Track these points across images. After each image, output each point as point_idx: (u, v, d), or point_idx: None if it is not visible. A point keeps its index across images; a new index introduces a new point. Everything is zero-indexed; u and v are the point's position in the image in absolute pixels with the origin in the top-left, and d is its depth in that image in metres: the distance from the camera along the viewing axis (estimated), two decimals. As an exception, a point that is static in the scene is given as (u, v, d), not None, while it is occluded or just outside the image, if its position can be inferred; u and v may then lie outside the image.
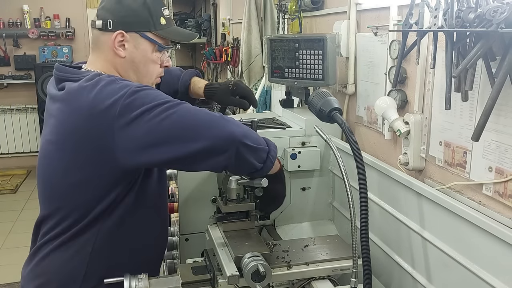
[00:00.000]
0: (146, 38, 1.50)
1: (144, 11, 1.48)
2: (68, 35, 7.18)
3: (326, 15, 2.42)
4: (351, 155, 1.41)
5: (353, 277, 1.44)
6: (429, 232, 1.46)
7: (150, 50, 1.52)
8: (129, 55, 1.49)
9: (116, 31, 1.46)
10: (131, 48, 1.49)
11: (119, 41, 1.47)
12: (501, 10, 1.11)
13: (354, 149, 1.42)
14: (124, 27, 1.47)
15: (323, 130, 1.58)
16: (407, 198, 1.55)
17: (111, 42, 1.47)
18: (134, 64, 1.51)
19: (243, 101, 1.83)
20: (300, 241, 1.79)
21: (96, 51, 1.53)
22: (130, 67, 1.52)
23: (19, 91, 7.12)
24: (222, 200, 1.72)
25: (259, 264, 1.45)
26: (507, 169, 1.29)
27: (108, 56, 1.50)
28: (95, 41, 1.53)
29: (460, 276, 1.32)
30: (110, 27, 1.47)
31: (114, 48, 1.47)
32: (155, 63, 1.55)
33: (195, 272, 1.68)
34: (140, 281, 1.52)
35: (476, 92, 1.36)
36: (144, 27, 1.49)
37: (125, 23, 1.47)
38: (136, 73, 1.53)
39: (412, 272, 1.55)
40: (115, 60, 1.50)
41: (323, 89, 1.67)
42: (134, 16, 1.48)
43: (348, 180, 1.44)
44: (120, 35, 1.47)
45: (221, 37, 5.35)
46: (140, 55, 1.51)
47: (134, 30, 1.48)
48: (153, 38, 1.51)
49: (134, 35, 1.49)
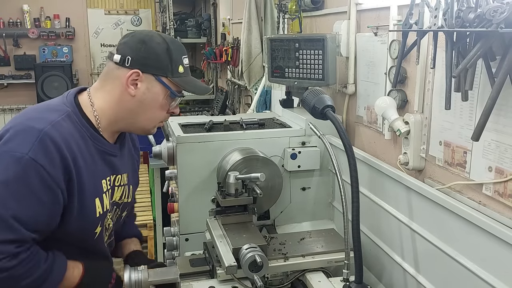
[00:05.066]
0: (161, 82, 1.48)
1: (165, 56, 1.47)
2: (68, 35, 7.19)
3: (326, 15, 2.42)
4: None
5: (345, 268, 1.54)
6: (431, 233, 1.46)
7: (162, 95, 1.50)
8: (139, 95, 1.47)
9: (133, 69, 1.44)
10: (143, 88, 1.47)
11: (133, 79, 1.45)
12: (501, 10, 1.11)
13: (345, 144, 1.50)
14: (141, 67, 1.45)
15: (317, 127, 1.64)
16: (409, 199, 1.55)
17: (125, 78, 1.45)
18: (142, 105, 1.49)
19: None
20: (297, 234, 1.85)
21: (105, 82, 1.51)
22: (137, 107, 1.50)
23: (19, 91, 7.13)
24: (221, 195, 1.76)
25: (256, 255, 1.50)
26: (507, 169, 1.29)
27: (116, 90, 1.48)
28: (107, 73, 1.51)
29: (461, 276, 1.32)
30: (128, 64, 1.45)
31: (126, 85, 1.46)
32: (163, 109, 1.54)
33: (193, 264, 1.75)
34: (139, 272, 1.58)
35: (476, 92, 1.36)
36: (162, 72, 1.48)
37: (144, 64, 1.45)
38: (141, 115, 1.52)
39: (416, 276, 1.55)
40: (122, 96, 1.48)
41: (317, 87, 1.73)
42: (154, 60, 1.46)
43: (341, 175, 1.53)
44: (136, 74, 1.45)
45: (221, 37, 5.35)
46: (150, 97, 1.49)
47: (151, 72, 1.47)
48: (168, 84, 1.49)
49: (149, 77, 1.47)
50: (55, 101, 1.51)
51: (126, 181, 1.65)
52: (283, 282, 1.70)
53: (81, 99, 1.51)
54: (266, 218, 2.07)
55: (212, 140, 1.98)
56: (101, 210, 1.51)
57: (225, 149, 1.98)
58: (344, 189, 1.53)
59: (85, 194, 1.43)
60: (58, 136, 1.35)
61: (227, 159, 1.93)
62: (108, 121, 1.51)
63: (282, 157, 2.07)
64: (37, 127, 1.34)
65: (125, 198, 1.66)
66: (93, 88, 1.54)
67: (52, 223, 1.39)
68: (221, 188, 1.78)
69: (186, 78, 1.54)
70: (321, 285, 1.62)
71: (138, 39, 1.47)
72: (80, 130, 1.44)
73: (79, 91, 1.54)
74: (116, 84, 1.48)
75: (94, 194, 1.48)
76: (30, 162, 1.30)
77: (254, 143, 2.02)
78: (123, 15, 7.58)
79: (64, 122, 1.40)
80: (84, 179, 1.42)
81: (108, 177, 1.55)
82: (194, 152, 1.96)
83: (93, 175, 1.46)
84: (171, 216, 2.33)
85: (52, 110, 1.43)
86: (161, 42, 1.47)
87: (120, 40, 1.52)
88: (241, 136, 2.02)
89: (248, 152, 1.93)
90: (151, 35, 1.49)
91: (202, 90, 1.64)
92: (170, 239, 2.13)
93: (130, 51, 1.46)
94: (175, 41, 1.53)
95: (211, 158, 1.98)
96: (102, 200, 1.51)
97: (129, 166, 1.68)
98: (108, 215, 1.58)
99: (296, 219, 2.14)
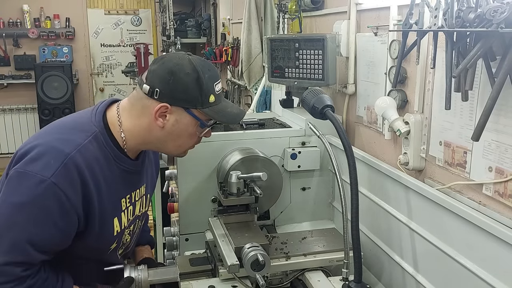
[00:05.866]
0: (191, 114, 1.43)
1: (195, 88, 1.40)
2: (68, 35, 7.20)
3: (326, 15, 2.42)
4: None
5: (344, 268, 1.54)
6: (430, 233, 1.46)
7: (192, 125, 1.46)
8: (168, 127, 1.44)
9: (162, 102, 1.40)
10: (172, 121, 1.43)
11: (161, 112, 1.41)
12: (501, 10, 1.11)
13: (345, 144, 1.49)
14: (170, 100, 1.40)
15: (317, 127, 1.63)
16: (409, 199, 1.55)
17: (153, 110, 1.41)
18: (171, 136, 1.46)
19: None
20: (298, 233, 1.85)
21: (134, 106, 1.46)
22: (166, 137, 1.47)
23: (19, 91, 7.13)
24: (223, 194, 1.76)
25: (258, 254, 1.50)
26: (507, 169, 1.29)
27: (145, 119, 1.44)
28: (137, 98, 1.45)
29: (460, 276, 1.32)
30: (156, 97, 1.40)
31: (155, 117, 1.42)
32: (193, 137, 1.51)
33: (192, 264, 1.75)
34: (139, 272, 1.59)
35: (476, 92, 1.36)
36: (191, 104, 1.42)
37: (173, 97, 1.40)
38: (170, 143, 1.49)
39: (415, 275, 1.55)
40: (151, 126, 1.44)
41: (316, 87, 1.73)
42: (183, 92, 1.40)
43: (341, 175, 1.53)
44: (164, 108, 1.41)
45: (221, 37, 5.35)
46: (179, 129, 1.45)
47: (180, 105, 1.42)
48: (198, 116, 1.44)
49: (179, 109, 1.42)
50: (83, 118, 1.47)
51: (144, 191, 1.65)
52: (283, 282, 1.71)
53: (109, 116, 1.47)
54: (266, 218, 2.07)
55: (212, 140, 1.97)
56: (119, 228, 1.51)
57: (225, 149, 1.98)
58: (343, 189, 1.53)
59: (105, 215, 1.43)
60: (83, 162, 1.34)
61: (227, 159, 1.92)
62: (135, 143, 1.48)
63: (282, 157, 2.07)
64: (63, 151, 1.32)
65: (143, 208, 1.67)
66: (122, 107, 1.48)
67: (64, 245, 1.39)
68: (223, 187, 1.78)
69: (217, 107, 1.46)
70: (320, 284, 1.62)
71: (167, 69, 1.40)
72: (105, 151, 1.42)
73: (107, 105, 1.50)
74: (144, 113, 1.43)
75: (113, 214, 1.48)
76: (52, 187, 1.28)
77: (254, 143, 2.01)
78: (123, 15, 7.58)
79: (90, 145, 1.38)
80: (105, 201, 1.42)
81: (128, 195, 1.54)
82: (194, 152, 1.95)
83: (113, 195, 1.46)
84: (171, 216, 2.33)
85: (79, 130, 1.40)
86: (191, 72, 1.40)
87: (150, 65, 1.45)
88: (241, 136, 2.02)
89: (248, 152, 1.93)
90: (181, 64, 1.41)
91: (233, 118, 1.54)
92: (170, 239, 2.13)
93: (159, 83, 1.39)
94: (206, 67, 1.44)
95: (211, 158, 1.97)
96: (120, 219, 1.51)
97: (148, 176, 1.67)
98: (126, 232, 1.58)
99: (296, 219, 2.14)
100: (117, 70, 7.52)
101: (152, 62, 1.46)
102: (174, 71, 1.39)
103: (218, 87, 1.47)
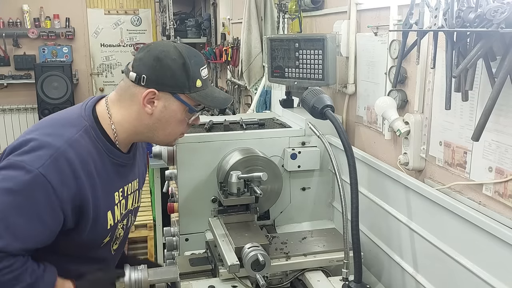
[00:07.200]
0: (178, 99, 1.45)
1: (182, 73, 1.42)
2: (68, 35, 7.20)
3: (326, 15, 2.42)
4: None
5: (344, 268, 1.54)
6: (430, 233, 1.46)
7: (180, 111, 1.47)
8: (157, 113, 1.45)
9: (149, 88, 1.41)
10: (160, 107, 1.44)
11: (149, 98, 1.43)
12: (501, 10, 1.11)
13: (344, 144, 1.50)
14: (157, 86, 1.41)
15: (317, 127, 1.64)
16: (409, 199, 1.55)
17: (141, 97, 1.42)
18: (160, 122, 1.47)
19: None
20: (298, 233, 1.86)
21: (122, 97, 1.48)
22: (155, 124, 1.48)
23: (19, 91, 7.14)
24: (223, 194, 1.77)
25: (258, 254, 1.51)
26: (507, 169, 1.29)
27: (134, 107, 1.46)
28: (124, 88, 1.47)
29: (460, 276, 1.32)
30: (143, 83, 1.41)
31: (143, 104, 1.43)
32: (182, 123, 1.51)
33: (192, 264, 1.76)
34: (139, 272, 1.59)
35: (476, 92, 1.36)
36: (179, 89, 1.44)
37: (160, 82, 1.41)
38: (159, 130, 1.49)
39: (415, 275, 1.55)
40: (140, 113, 1.46)
41: (316, 87, 1.73)
42: (170, 77, 1.41)
43: (341, 175, 1.54)
44: (152, 93, 1.42)
45: (221, 37, 5.35)
46: (168, 115, 1.46)
47: (167, 90, 1.43)
48: (186, 100, 1.45)
49: (166, 95, 1.43)
50: (73, 113, 1.48)
51: (136, 186, 1.65)
52: (283, 282, 1.71)
53: (99, 110, 1.48)
54: (266, 218, 2.07)
55: (212, 140, 1.98)
56: (112, 222, 1.51)
57: (225, 149, 1.98)
58: (343, 189, 1.53)
59: (99, 209, 1.43)
60: (74, 155, 1.34)
61: (227, 159, 1.93)
62: (126, 134, 1.49)
63: (282, 157, 2.06)
64: (53, 144, 1.33)
65: (136, 203, 1.67)
66: (111, 100, 1.50)
67: (44, 242, 1.36)
68: (223, 187, 1.79)
69: (204, 92, 1.48)
70: (320, 284, 1.62)
71: (153, 56, 1.41)
72: (97, 145, 1.43)
73: (97, 100, 1.52)
74: (133, 101, 1.45)
75: (107, 208, 1.48)
76: (39, 177, 1.28)
77: (254, 143, 2.01)
78: (123, 15, 7.59)
79: (81, 139, 1.39)
80: (99, 195, 1.42)
81: (121, 189, 1.54)
82: (194, 152, 1.96)
83: (106, 189, 1.46)
84: (171, 216, 2.33)
85: (69, 125, 1.41)
86: (177, 57, 1.42)
87: (136, 54, 1.47)
88: (241, 136, 2.02)
89: (248, 152, 1.93)
90: (167, 50, 1.43)
91: (221, 103, 1.56)
92: (170, 239, 2.13)
93: (145, 69, 1.41)
94: (191, 53, 1.46)
95: (211, 158, 1.98)
96: (113, 212, 1.51)
97: (139, 171, 1.68)
98: (119, 225, 1.58)
99: (296, 219, 2.14)
100: (117, 70, 7.53)
101: (138, 51, 1.48)
102: (160, 58, 1.41)
103: (204, 72, 1.49)
